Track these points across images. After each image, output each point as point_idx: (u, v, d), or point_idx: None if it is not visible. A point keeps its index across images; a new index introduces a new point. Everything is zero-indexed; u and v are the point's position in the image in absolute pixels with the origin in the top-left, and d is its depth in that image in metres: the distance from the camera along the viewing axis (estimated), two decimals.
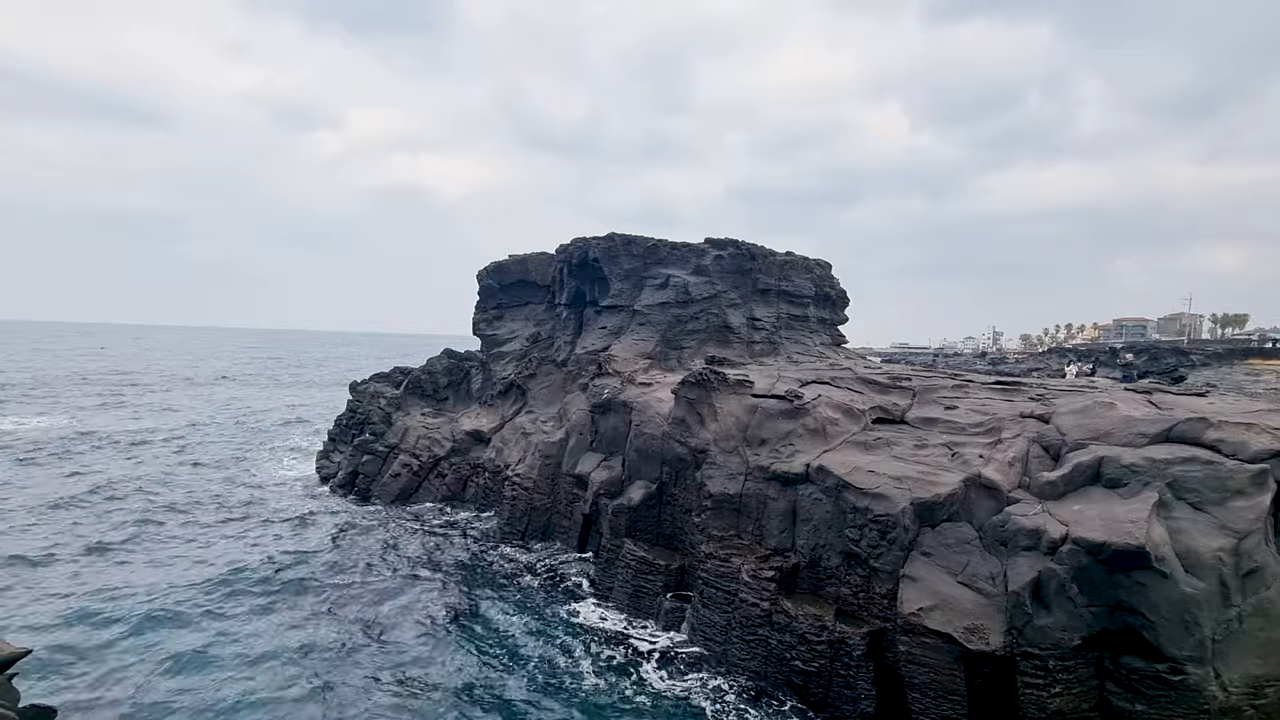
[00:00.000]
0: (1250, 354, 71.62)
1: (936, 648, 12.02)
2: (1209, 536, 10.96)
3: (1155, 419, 13.65)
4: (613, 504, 19.95)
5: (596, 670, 14.66)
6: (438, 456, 28.41)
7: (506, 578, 20.03)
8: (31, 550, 20.54)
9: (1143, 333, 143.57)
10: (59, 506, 25.27)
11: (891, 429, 17.03)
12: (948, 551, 13.00)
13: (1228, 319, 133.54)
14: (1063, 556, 11.19)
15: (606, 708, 13.33)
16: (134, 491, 27.91)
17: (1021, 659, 11.30)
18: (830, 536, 14.80)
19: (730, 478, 16.96)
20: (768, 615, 14.61)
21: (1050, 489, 12.88)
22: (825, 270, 33.33)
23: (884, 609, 13.37)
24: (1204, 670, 10.25)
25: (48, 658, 14.12)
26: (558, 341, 29.33)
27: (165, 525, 23.81)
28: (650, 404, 21.11)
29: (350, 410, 34.32)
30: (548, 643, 15.84)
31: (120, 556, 20.44)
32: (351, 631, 16.09)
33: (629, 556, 18.60)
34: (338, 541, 22.78)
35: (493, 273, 33.44)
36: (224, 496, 27.97)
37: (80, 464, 33.06)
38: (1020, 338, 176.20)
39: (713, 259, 28.59)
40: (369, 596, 18.20)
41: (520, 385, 29.32)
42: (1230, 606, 10.58)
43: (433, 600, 18.12)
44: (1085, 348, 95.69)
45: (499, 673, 14.52)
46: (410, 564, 20.82)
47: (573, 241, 29.13)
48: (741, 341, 28.34)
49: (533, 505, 23.67)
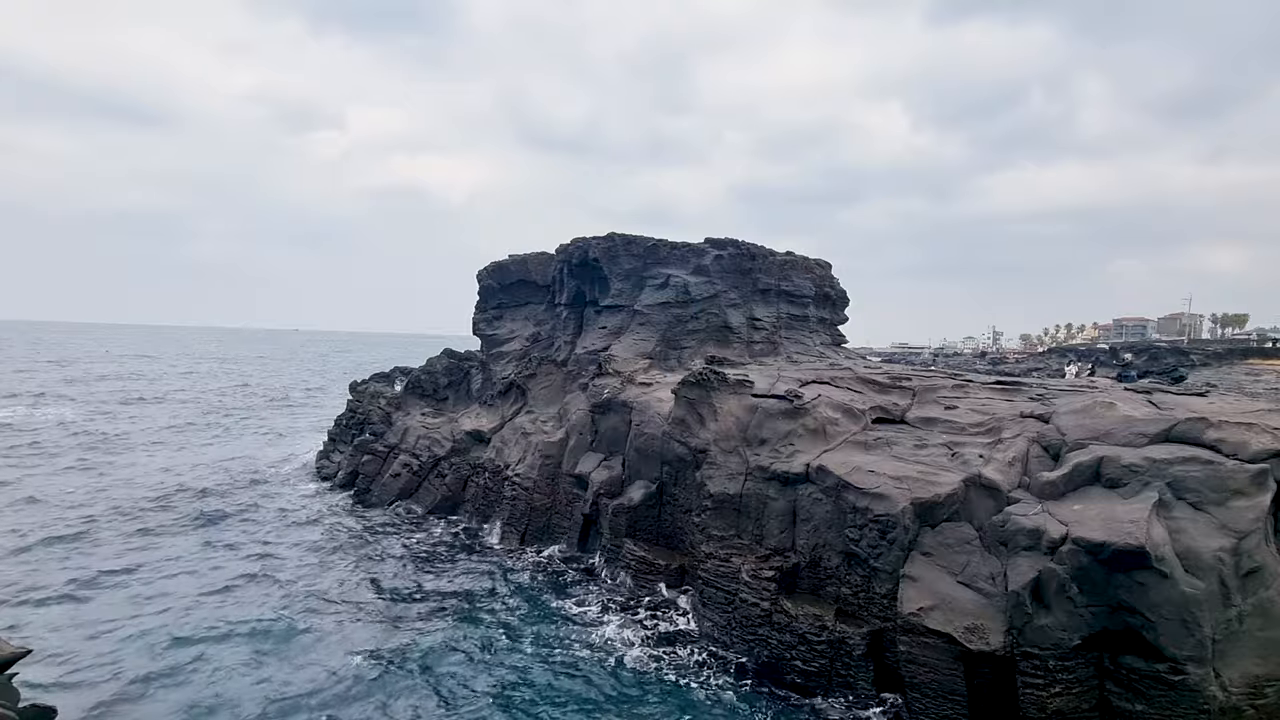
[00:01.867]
0: (1250, 354, 71.64)
1: (936, 648, 12.02)
2: (1209, 536, 10.96)
3: (1155, 419, 13.66)
4: (613, 504, 19.95)
5: (595, 669, 14.65)
6: (438, 456, 28.39)
7: (506, 577, 20.03)
8: (31, 550, 20.55)
9: (1143, 333, 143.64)
10: (58, 506, 25.28)
11: (891, 429, 17.04)
12: (948, 551, 13.01)
13: (1228, 319, 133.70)
14: (1063, 556, 11.20)
15: (605, 706, 13.33)
16: (133, 491, 27.90)
17: (1021, 659, 11.31)
18: (830, 536, 14.80)
19: (730, 478, 16.96)
20: (768, 615, 14.62)
21: (1050, 489, 12.89)
22: (825, 270, 33.33)
23: (884, 609, 13.37)
24: (1204, 670, 10.26)
25: (48, 658, 14.12)
26: (558, 341, 29.32)
27: (164, 525, 23.78)
28: (650, 404, 21.11)
29: (350, 410, 34.31)
30: (547, 642, 15.84)
31: (119, 556, 20.43)
32: (352, 631, 16.08)
33: (629, 556, 18.61)
34: (338, 541, 22.78)
35: (493, 272, 33.43)
36: (224, 496, 27.95)
37: (76, 461, 33.08)
38: (1020, 338, 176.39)
39: (713, 259, 28.59)
40: (369, 596, 18.20)
41: (520, 385, 29.31)
42: (1230, 606, 10.58)
43: (433, 600, 18.12)
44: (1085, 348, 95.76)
45: (499, 671, 14.51)
46: (410, 564, 20.82)
47: (573, 241, 29.13)
48: (741, 341, 28.34)
49: (533, 505, 23.66)
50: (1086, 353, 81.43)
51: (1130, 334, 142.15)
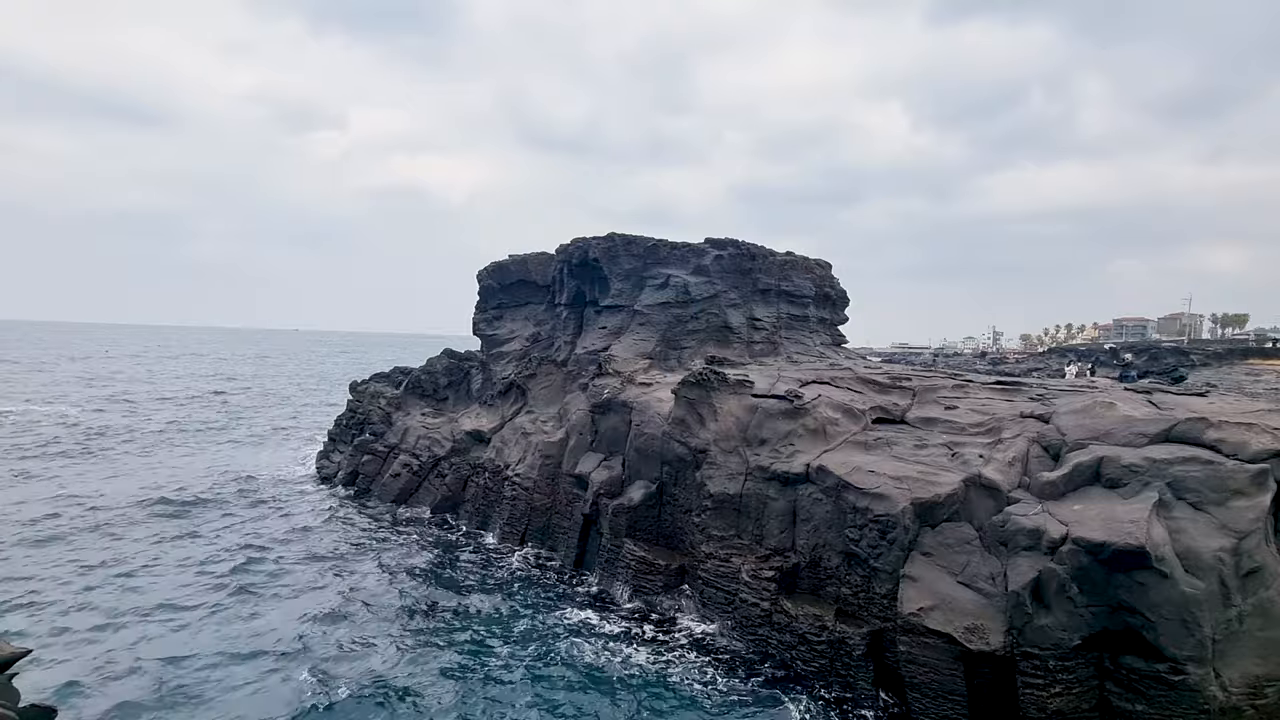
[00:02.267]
0: (1250, 354, 71.65)
1: (936, 648, 12.02)
2: (1209, 536, 10.97)
3: (1155, 419, 13.66)
4: (613, 504, 19.94)
5: (594, 670, 14.64)
6: (438, 456, 28.39)
7: (506, 577, 20.03)
8: (32, 550, 20.55)
9: (1143, 333, 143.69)
10: (56, 506, 25.28)
11: (891, 429, 17.04)
12: (948, 551, 13.01)
13: (1228, 319, 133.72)
14: (1063, 556, 11.20)
15: (604, 707, 13.33)
16: (134, 491, 27.90)
17: (1021, 659, 11.31)
18: (830, 536, 14.80)
19: (730, 478, 16.96)
20: (768, 615, 14.62)
21: (1050, 489, 12.89)
22: (825, 270, 33.33)
23: (884, 609, 13.37)
24: (1204, 670, 10.26)
25: (48, 658, 14.12)
26: (558, 341, 29.32)
27: (164, 525, 23.79)
28: (650, 404, 21.11)
29: (350, 410, 34.32)
30: (546, 642, 15.82)
31: (119, 556, 20.41)
32: (354, 631, 16.07)
33: (629, 556, 18.60)
34: (339, 541, 22.78)
35: (493, 273, 33.43)
36: (224, 497, 27.96)
37: (75, 459, 33.10)
38: (1020, 338, 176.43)
39: (713, 259, 28.59)
40: (370, 597, 18.19)
41: (520, 385, 29.31)
42: (1230, 606, 10.58)
43: (433, 599, 18.11)
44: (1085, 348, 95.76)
45: (496, 672, 14.51)
46: (410, 563, 20.81)
47: (573, 241, 29.13)
48: (741, 341, 28.33)
49: (533, 505, 23.66)
50: (1087, 353, 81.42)
51: (1130, 334, 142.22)
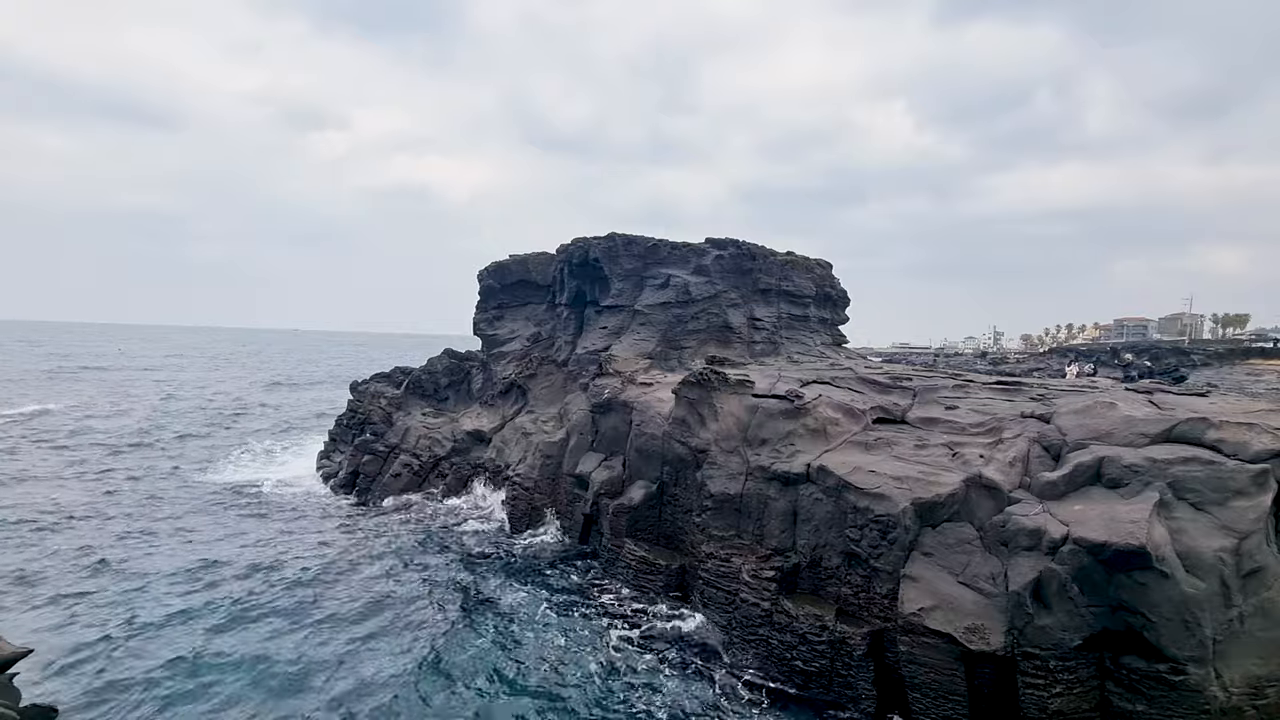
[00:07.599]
0: (1251, 354, 71.60)
1: (937, 648, 12.01)
2: (1210, 537, 10.95)
3: (1156, 419, 13.63)
4: (613, 504, 19.95)
5: (594, 670, 14.64)
6: (438, 456, 28.41)
7: (506, 577, 20.03)
8: (32, 550, 20.56)
9: (1144, 333, 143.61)
10: (54, 505, 25.29)
11: (892, 429, 17.02)
12: (948, 551, 13.00)
13: (1229, 319, 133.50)
14: (1063, 556, 11.18)
15: (604, 707, 13.33)
16: (135, 490, 27.93)
17: (1022, 659, 11.29)
18: (831, 536, 14.79)
19: (731, 478, 16.96)
20: (768, 615, 14.61)
21: (1051, 489, 12.87)
22: (826, 270, 33.35)
23: (884, 609, 13.36)
24: (1205, 670, 10.24)
25: (49, 658, 14.13)
26: (558, 341, 29.33)
27: (164, 525, 23.80)
28: (651, 404, 21.11)
29: (351, 410, 34.33)
30: (545, 641, 15.82)
31: (119, 556, 20.42)
32: (355, 631, 16.08)
33: (629, 556, 18.60)
34: (340, 542, 22.77)
35: (493, 273, 33.45)
36: (224, 497, 27.97)
37: (74, 459, 33.13)
38: (1021, 338, 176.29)
39: (713, 259, 28.61)
40: (372, 597, 18.19)
41: (521, 385, 29.32)
42: (1231, 607, 10.57)
43: (434, 599, 18.12)
44: (1086, 348, 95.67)
45: (495, 671, 14.51)
46: (410, 563, 20.80)
47: (573, 241, 29.15)
48: (742, 341, 28.34)
49: (533, 505, 23.67)
50: (1088, 353, 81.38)
51: (1131, 334, 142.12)
